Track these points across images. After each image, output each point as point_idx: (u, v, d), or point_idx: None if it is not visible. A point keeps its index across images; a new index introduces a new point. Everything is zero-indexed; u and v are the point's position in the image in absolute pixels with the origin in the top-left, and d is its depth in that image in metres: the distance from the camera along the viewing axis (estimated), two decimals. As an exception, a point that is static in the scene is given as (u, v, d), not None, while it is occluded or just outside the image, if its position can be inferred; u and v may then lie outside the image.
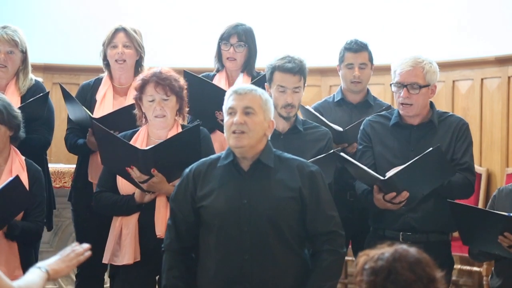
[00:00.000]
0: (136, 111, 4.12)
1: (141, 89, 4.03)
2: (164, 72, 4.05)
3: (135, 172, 3.92)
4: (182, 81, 4.10)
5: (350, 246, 4.82)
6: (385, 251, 2.33)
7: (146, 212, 3.99)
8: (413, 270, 2.29)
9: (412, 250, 2.33)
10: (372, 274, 2.29)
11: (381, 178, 3.95)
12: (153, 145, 3.93)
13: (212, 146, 4.15)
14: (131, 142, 4.02)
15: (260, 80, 4.18)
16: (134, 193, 4.02)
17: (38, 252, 4.67)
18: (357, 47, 4.74)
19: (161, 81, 3.99)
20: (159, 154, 3.89)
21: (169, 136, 4.02)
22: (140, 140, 4.06)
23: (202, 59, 4.73)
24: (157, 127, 4.05)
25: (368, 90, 4.85)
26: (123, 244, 3.99)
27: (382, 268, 2.29)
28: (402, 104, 4.13)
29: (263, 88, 3.77)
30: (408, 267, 2.29)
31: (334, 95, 4.88)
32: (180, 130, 4.06)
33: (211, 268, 3.47)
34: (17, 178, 3.93)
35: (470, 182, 4.13)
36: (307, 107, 4.68)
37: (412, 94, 4.09)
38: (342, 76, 4.80)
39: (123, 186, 4.06)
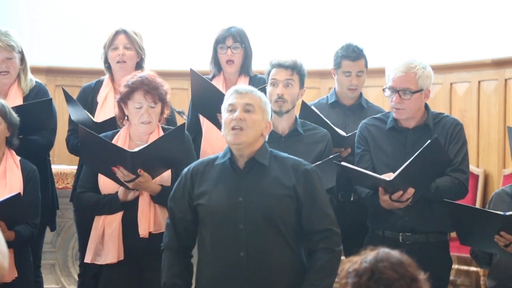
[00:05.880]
0: (116, 112, 4.16)
1: (128, 95, 4.05)
2: (151, 80, 4.06)
3: (121, 172, 3.94)
4: (166, 86, 4.13)
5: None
6: (368, 255, 2.37)
7: (130, 212, 3.99)
8: (396, 269, 2.32)
9: (394, 252, 2.37)
10: (356, 276, 2.33)
11: (387, 179, 3.95)
12: (142, 147, 3.96)
13: (192, 147, 4.20)
14: (112, 142, 4.05)
15: (261, 89, 4.22)
16: (117, 192, 4.03)
17: (41, 252, 4.75)
18: (355, 55, 4.72)
19: (151, 90, 4.02)
20: (148, 155, 3.93)
21: (150, 138, 4.06)
22: (122, 142, 4.08)
23: (201, 61, 4.77)
24: (140, 132, 4.09)
25: (361, 93, 4.85)
26: (106, 244, 3.99)
27: (366, 269, 2.32)
28: (394, 108, 4.15)
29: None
30: (390, 266, 2.32)
31: (327, 96, 4.88)
32: (161, 132, 4.10)
33: (208, 265, 3.51)
34: (18, 195, 3.98)
35: (460, 182, 4.12)
36: (313, 107, 4.68)
37: (404, 99, 4.10)
38: (338, 81, 4.79)
39: (105, 185, 4.06)
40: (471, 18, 7.04)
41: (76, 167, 4.85)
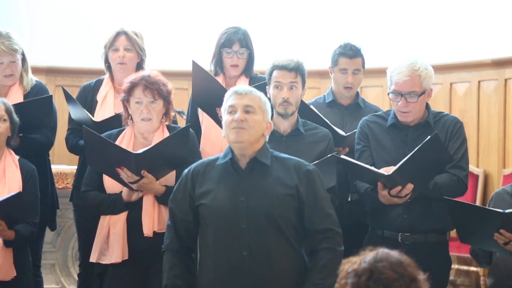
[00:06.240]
0: (122, 112, 4.17)
1: (129, 91, 4.07)
2: (152, 76, 4.08)
3: (125, 173, 3.95)
4: (170, 86, 4.14)
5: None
6: (367, 255, 2.38)
7: (134, 212, 4.01)
8: (395, 269, 2.33)
9: (394, 252, 2.37)
10: (355, 276, 2.33)
11: (385, 173, 3.97)
12: (146, 149, 3.96)
13: (198, 146, 4.21)
14: (116, 142, 4.06)
15: (260, 86, 4.20)
16: (121, 192, 4.04)
17: (41, 252, 4.77)
18: (352, 53, 4.74)
19: (149, 84, 4.03)
20: (151, 156, 3.94)
21: (155, 137, 4.07)
22: (126, 141, 4.11)
23: (202, 61, 4.77)
24: (142, 130, 4.10)
25: (357, 92, 4.87)
26: (111, 243, 4.01)
27: (365, 269, 2.33)
28: (400, 111, 4.16)
29: (264, 92, 3.82)
30: (389, 266, 2.33)
31: (324, 96, 4.90)
32: (166, 131, 4.11)
33: (210, 265, 3.52)
34: (19, 194, 4.02)
35: (459, 179, 4.13)
36: (312, 106, 4.68)
37: (410, 102, 4.12)
38: (334, 79, 4.82)
39: (110, 185, 4.07)
40: (471, 18, 7.06)
41: (76, 167, 4.88)
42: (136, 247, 3.97)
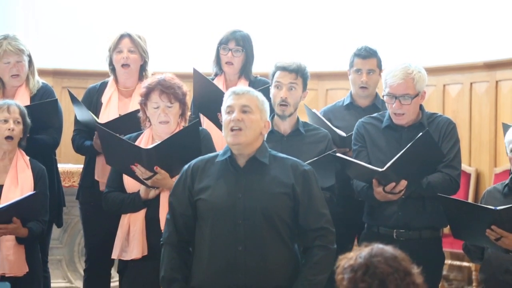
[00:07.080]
0: (140, 115, 4.24)
1: (146, 96, 4.16)
2: (168, 80, 4.16)
3: (139, 169, 4.03)
4: (185, 88, 4.21)
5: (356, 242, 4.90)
6: (362, 251, 2.46)
7: (152, 209, 4.08)
8: (389, 264, 2.41)
9: (388, 248, 2.46)
10: (351, 271, 2.42)
11: (379, 170, 4.02)
12: (155, 144, 4.04)
13: (213, 145, 4.21)
14: (136, 143, 4.13)
15: (264, 90, 4.22)
16: (139, 190, 4.11)
17: (48, 248, 4.84)
18: (366, 54, 4.83)
19: (165, 89, 4.11)
20: (162, 152, 4.01)
21: None
22: (145, 142, 4.18)
23: (203, 63, 4.88)
24: (160, 132, 4.18)
25: (376, 94, 4.93)
26: (131, 240, 4.09)
27: (361, 264, 2.42)
28: (395, 113, 4.25)
29: (267, 97, 3.88)
30: (384, 261, 2.41)
31: (344, 99, 4.98)
32: None
33: (205, 259, 3.56)
34: (36, 194, 4.16)
35: (452, 178, 4.19)
36: (314, 110, 4.76)
37: (404, 104, 4.20)
38: (351, 80, 4.89)
39: (129, 184, 4.15)
40: (464, 22, 7.13)
41: (82, 166, 4.94)
42: (155, 243, 4.01)
